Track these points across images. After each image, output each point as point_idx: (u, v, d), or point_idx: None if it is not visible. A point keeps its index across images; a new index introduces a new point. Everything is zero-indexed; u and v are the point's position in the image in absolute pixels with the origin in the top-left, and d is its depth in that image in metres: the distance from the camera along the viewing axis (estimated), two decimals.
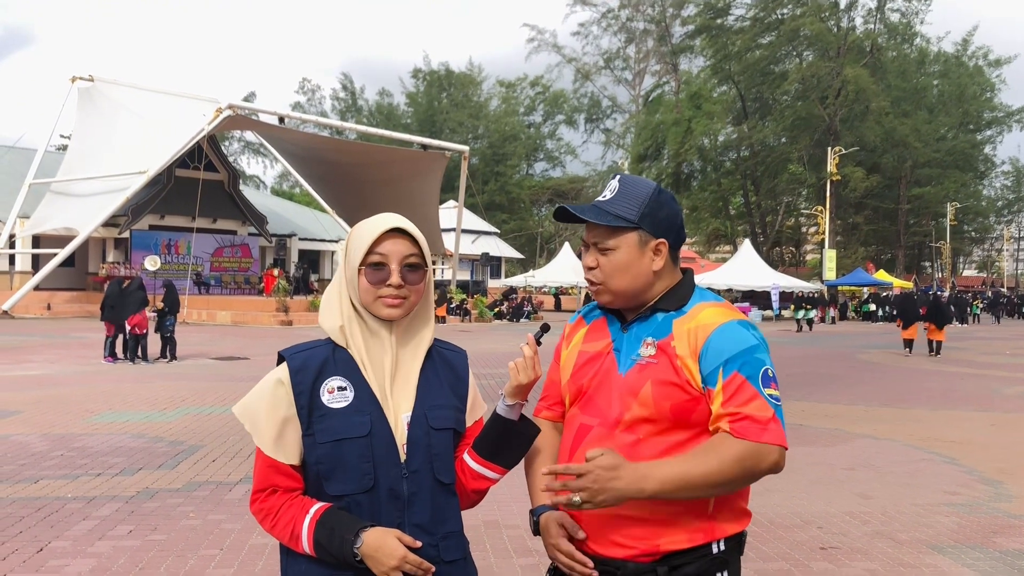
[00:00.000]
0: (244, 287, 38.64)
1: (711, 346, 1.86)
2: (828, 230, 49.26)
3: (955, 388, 14.18)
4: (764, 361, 1.87)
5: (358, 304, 1.89)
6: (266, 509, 1.85)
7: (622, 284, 1.95)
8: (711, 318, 1.90)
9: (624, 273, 1.95)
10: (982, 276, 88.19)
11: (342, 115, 70.29)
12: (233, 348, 19.40)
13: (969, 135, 65.49)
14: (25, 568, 4.64)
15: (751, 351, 1.86)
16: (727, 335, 1.87)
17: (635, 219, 1.94)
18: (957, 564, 4.97)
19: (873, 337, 29.16)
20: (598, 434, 1.92)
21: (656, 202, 1.96)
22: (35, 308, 31.29)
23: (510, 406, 1.93)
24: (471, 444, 1.96)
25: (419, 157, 35.60)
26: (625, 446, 1.86)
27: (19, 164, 35.65)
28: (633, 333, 1.97)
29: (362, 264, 1.86)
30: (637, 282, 1.95)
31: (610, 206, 1.96)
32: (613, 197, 1.97)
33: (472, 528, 5.43)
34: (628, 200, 1.96)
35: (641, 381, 1.88)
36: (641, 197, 1.96)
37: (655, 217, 1.95)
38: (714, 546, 1.87)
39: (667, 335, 1.91)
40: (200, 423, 9.33)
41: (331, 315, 1.91)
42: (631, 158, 60.08)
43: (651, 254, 1.96)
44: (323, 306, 1.94)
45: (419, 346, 1.94)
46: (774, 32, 56.47)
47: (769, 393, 1.84)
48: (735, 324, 1.89)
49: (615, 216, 1.94)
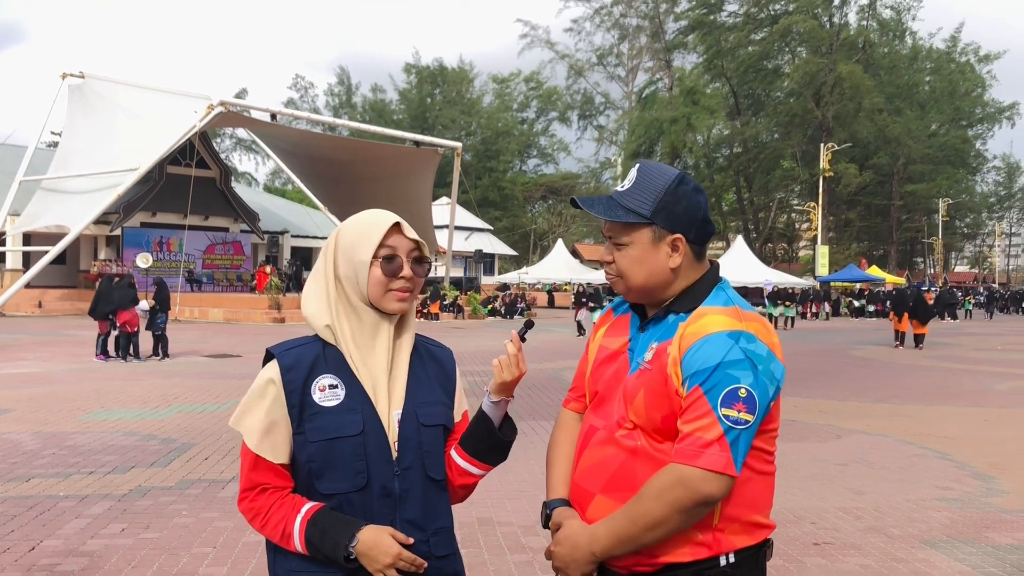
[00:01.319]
0: (236, 284, 38.55)
1: (688, 357, 1.74)
2: (821, 226, 49.42)
3: (948, 384, 14.22)
4: (737, 379, 1.70)
5: (358, 299, 1.87)
6: (256, 508, 1.84)
7: (638, 280, 1.87)
8: (706, 326, 1.77)
9: (638, 269, 1.86)
10: (974, 272, 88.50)
11: (335, 111, 70.12)
12: (225, 346, 19.35)
13: (960, 131, 65.67)
14: (17, 567, 4.61)
15: (725, 366, 1.70)
16: (707, 346, 1.73)
17: (648, 214, 1.84)
18: (949, 559, 4.98)
19: (866, 333, 29.24)
20: (601, 438, 1.88)
21: (673, 195, 1.84)
22: (26, 306, 31.17)
23: (495, 403, 1.91)
24: (458, 440, 1.96)
25: (412, 154, 35.51)
26: (625, 452, 1.83)
27: (9, 161, 35.49)
28: (646, 335, 1.89)
29: (375, 257, 1.85)
30: (653, 279, 1.86)
31: (624, 199, 1.86)
32: (629, 188, 1.87)
33: (466, 525, 5.43)
34: (643, 192, 1.85)
35: (637, 388, 1.82)
36: (657, 189, 1.85)
37: (671, 211, 1.84)
38: (721, 559, 1.78)
39: (668, 339, 1.81)
40: (192, 421, 9.30)
41: (320, 313, 1.89)
42: (624, 155, 60.07)
43: (667, 249, 1.85)
44: (309, 305, 1.91)
45: (409, 342, 1.94)
46: (767, 28, 56.56)
47: (725, 413, 1.69)
48: (723, 335, 1.74)
49: (627, 211, 1.85)
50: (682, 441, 1.72)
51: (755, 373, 1.73)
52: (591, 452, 1.89)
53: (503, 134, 71.47)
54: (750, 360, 1.73)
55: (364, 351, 1.87)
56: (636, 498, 1.75)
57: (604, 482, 1.84)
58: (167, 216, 36.28)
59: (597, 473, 1.86)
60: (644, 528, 1.73)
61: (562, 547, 1.82)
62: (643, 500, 1.73)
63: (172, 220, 36.18)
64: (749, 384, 1.72)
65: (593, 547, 1.78)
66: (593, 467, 1.87)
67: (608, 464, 1.84)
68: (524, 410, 9.90)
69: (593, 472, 1.87)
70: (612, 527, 1.77)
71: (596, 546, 1.78)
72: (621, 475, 1.82)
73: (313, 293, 1.92)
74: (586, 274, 48.55)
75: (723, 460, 1.69)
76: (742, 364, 1.72)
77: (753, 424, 1.73)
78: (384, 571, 1.76)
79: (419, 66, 72.26)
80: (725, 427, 1.70)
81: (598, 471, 1.86)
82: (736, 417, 1.70)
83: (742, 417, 1.71)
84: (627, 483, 1.80)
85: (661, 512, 1.71)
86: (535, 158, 77.09)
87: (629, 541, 1.75)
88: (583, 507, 1.88)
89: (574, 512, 1.89)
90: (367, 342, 1.88)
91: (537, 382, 13.06)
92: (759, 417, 1.74)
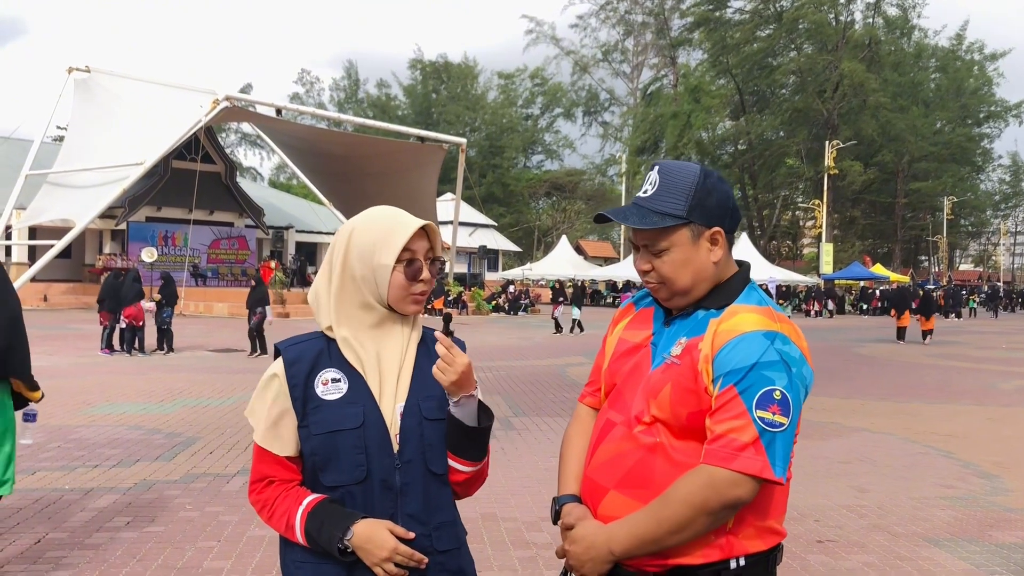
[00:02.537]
0: (241, 279, 38.60)
1: (721, 355, 1.71)
2: (825, 224, 49.34)
3: (952, 382, 14.21)
4: (772, 380, 1.67)
5: (376, 300, 1.88)
6: (263, 500, 1.86)
7: (684, 282, 1.82)
8: (738, 324, 1.74)
9: (683, 271, 1.81)
10: (978, 270, 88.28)
11: (340, 107, 70.10)
12: (230, 340, 19.38)
13: (966, 129, 65.45)
14: (23, 559, 4.64)
15: (761, 367, 1.68)
16: (742, 345, 1.70)
17: (683, 213, 1.79)
18: (953, 557, 4.98)
19: (870, 331, 29.20)
20: (619, 433, 1.85)
21: (704, 189, 1.81)
22: (31, 299, 31.24)
23: (456, 403, 1.86)
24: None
25: (416, 149, 35.50)
26: (642, 448, 1.80)
27: (15, 155, 35.55)
28: (673, 330, 1.86)
29: (398, 261, 1.85)
30: (700, 276, 1.82)
31: (654, 203, 1.81)
32: (655, 192, 1.82)
33: (470, 520, 5.42)
34: (672, 193, 1.80)
35: (663, 382, 1.78)
36: (687, 187, 1.80)
37: (705, 206, 1.81)
38: (732, 562, 1.76)
39: (699, 335, 1.78)
40: (197, 415, 9.32)
41: (322, 314, 1.90)
42: (629, 151, 60.04)
43: (707, 244, 1.82)
44: (315, 301, 1.92)
45: (417, 336, 1.95)
46: (773, 24, 56.44)
47: (760, 415, 1.66)
48: (759, 335, 1.71)
49: (661, 215, 1.79)
50: (714, 442, 1.69)
51: (789, 376, 1.70)
52: (607, 447, 1.86)
53: (508, 130, 71.43)
54: (785, 362, 1.70)
55: (375, 348, 1.88)
56: (662, 500, 1.72)
57: (619, 478, 1.82)
58: (172, 211, 36.33)
59: (612, 468, 1.84)
60: (669, 531, 1.70)
61: (577, 546, 1.81)
62: (670, 502, 1.70)
63: (177, 215, 36.22)
64: (784, 386, 1.69)
65: (612, 547, 1.76)
66: (608, 462, 1.85)
67: (624, 460, 1.82)
68: (528, 406, 9.92)
69: (608, 467, 1.85)
70: (634, 528, 1.74)
71: (616, 546, 1.76)
72: (637, 471, 1.80)
73: (322, 290, 1.92)
74: (590, 270, 48.56)
75: (759, 464, 1.66)
76: (777, 366, 1.69)
77: (789, 427, 1.69)
78: (381, 565, 1.76)
79: (424, 62, 72.24)
80: (760, 429, 1.66)
81: (613, 466, 1.84)
82: (771, 419, 1.67)
83: (776, 419, 1.67)
84: (643, 480, 1.79)
85: (688, 515, 1.68)
86: (539, 154, 77.11)
87: (652, 543, 1.73)
88: (595, 502, 1.86)
89: (586, 510, 1.87)
90: (380, 339, 1.89)
91: (541, 378, 13.06)
92: (793, 420, 1.70)
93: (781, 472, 1.68)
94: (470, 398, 1.86)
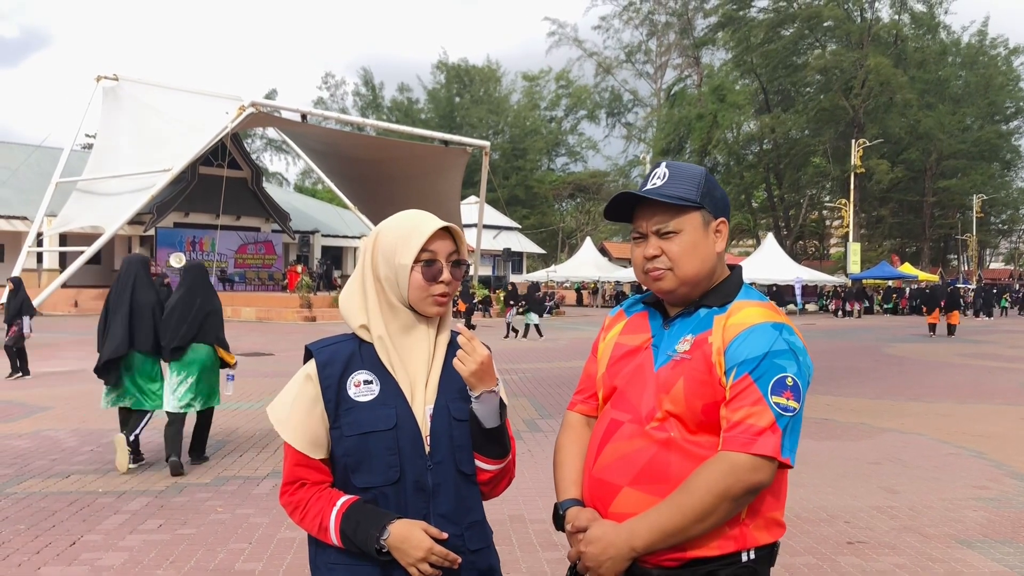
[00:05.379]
0: (268, 283, 38.93)
1: (734, 346, 1.79)
2: (852, 223, 48.86)
3: (983, 382, 14.03)
4: (784, 368, 1.76)
5: (399, 301, 1.90)
6: (295, 502, 1.88)
7: (691, 268, 1.87)
8: (747, 317, 1.83)
9: (692, 256, 1.87)
10: (1009, 268, 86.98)
11: (362, 112, 70.48)
12: (258, 344, 19.54)
13: (995, 126, 64.52)
14: (59, 560, 4.72)
15: (773, 355, 1.76)
16: (753, 336, 1.79)
17: (697, 199, 1.88)
18: (986, 559, 4.92)
19: (899, 330, 28.89)
20: (628, 430, 1.87)
21: (710, 183, 1.92)
22: (63, 305, 31.69)
23: (478, 399, 1.86)
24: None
25: (440, 153, 35.66)
26: (656, 444, 1.83)
27: (46, 163, 36.12)
28: (674, 330, 1.91)
29: (416, 261, 1.87)
30: (706, 265, 1.89)
31: (665, 190, 1.88)
32: (665, 182, 1.89)
33: (498, 522, 5.46)
34: (684, 181, 1.89)
35: (674, 378, 1.83)
36: (696, 178, 1.90)
37: (713, 197, 1.91)
38: (743, 555, 1.80)
39: (706, 331, 1.85)
40: (227, 418, 9.41)
41: (355, 314, 1.92)
42: (653, 152, 59.82)
43: (714, 235, 1.91)
44: (345, 305, 1.95)
45: (445, 339, 1.97)
46: (796, 22, 56.02)
47: (776, 401, 1.74)
48: (767, 326, 1.81)
49: (677, 197, 1.87)
50: (732, 429, 1.74)
51: (798, 363, 1.80)
52: (616, 446, 1.88)
53: (531, 132, 71.43)
54: (793, 351, 1.80)
55: (402, 350, 1.90)
56: (683, 489, 1.75)
57: (633, 475, 1.83)
58: (199, 216, 36.72)
59: (624, 466, 1.85)
60: (694, 520, 1.73)
61: (595, 546, 1.81)
62: (692, 491, 1.73)
63: (204, 220, 36.61)
64: (794, 373, 1.78)
65: (634, 543, 1.77)
66: (619, 460, 1.86)
67: (637, 457, 1.84)
68: (554, 408, 9.90)
69: (619, 465, 1.86)
70: (656, 520, 1.76)
71: (637, 541, 1.77)
72: (653, 467, 1.82)
73: (352, 292, 1.95)
74: (614, 272, 48.40)
75: (778, 446, 1.73)
76: (787, 354, 1.79)
77: (799, 412, 1.77)
78: (416, 565, 1.77)
79: (448, 64, 72.41)
80: (776, 414, 1.74)
81: (625, 464, 1.85)
82: (786, 404, 1.75)
83: (791, 404, 1.75)
84: (659, 475, 1.81)
85: (712, 502, 1.71)
86: (563, 156, 77.03)
87: (677, 533, 1.75)
88: (606, 502, 1.86)
89: (594, 512, 1.88)
90: (406, 341, 1.90)
91: (564, 379, 13.06)
92: (802, 406, 1.78)
93: (788, 454, 1.75)
94: (492, 394, 1.86)
